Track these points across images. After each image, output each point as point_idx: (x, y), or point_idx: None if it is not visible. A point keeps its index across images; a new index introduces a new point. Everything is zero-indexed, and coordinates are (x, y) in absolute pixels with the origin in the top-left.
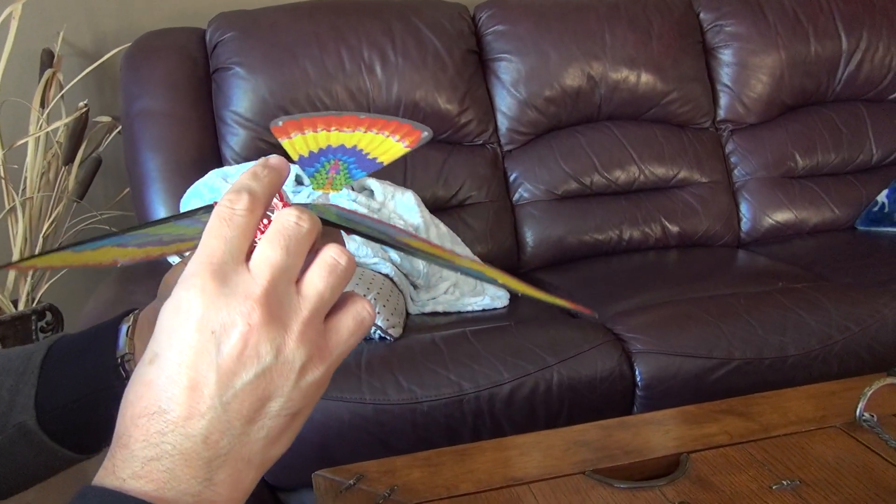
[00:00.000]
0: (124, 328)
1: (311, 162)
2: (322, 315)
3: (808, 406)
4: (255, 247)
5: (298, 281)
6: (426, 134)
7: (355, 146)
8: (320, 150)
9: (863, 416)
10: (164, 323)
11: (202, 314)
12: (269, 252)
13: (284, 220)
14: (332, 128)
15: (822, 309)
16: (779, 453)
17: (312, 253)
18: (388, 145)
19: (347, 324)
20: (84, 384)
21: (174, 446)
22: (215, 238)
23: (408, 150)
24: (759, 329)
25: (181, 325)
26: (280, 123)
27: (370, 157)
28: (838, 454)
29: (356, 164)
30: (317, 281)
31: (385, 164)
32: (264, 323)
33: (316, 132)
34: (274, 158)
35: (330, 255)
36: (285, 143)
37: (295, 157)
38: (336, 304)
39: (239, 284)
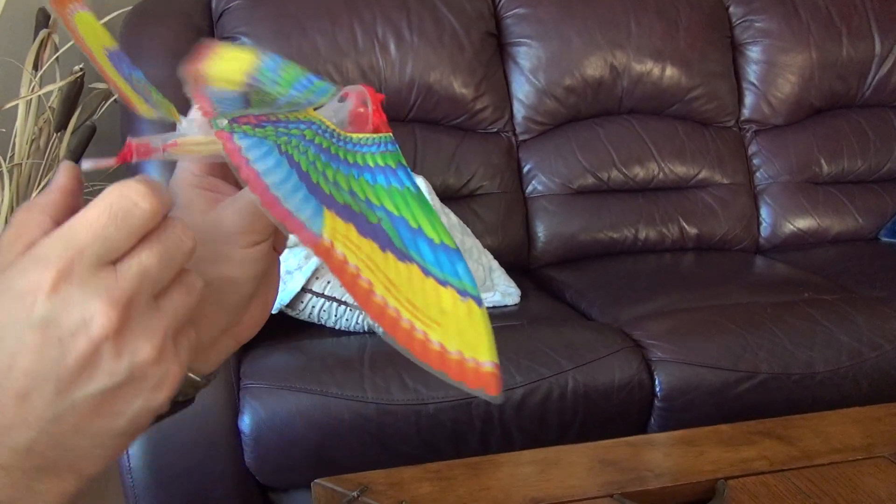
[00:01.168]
0: None
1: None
2: (176, 330)
3: (854, 432)
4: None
5: (158, 296)
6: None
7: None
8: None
9: None
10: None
11: (49, 312)
12: (145, 259)
13: (173, 233)
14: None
15: (852, 323)
16: (825, 485)
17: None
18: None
19: (192, 338)
20: None
21: None
22: (93, 230)
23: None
24: (786, 342)
25: (21, 319)
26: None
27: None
28: (891, 489)
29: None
30: (178, 295)
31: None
32: (120, 333)
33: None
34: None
35: (192, 279)
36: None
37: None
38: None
39: (101, 286)
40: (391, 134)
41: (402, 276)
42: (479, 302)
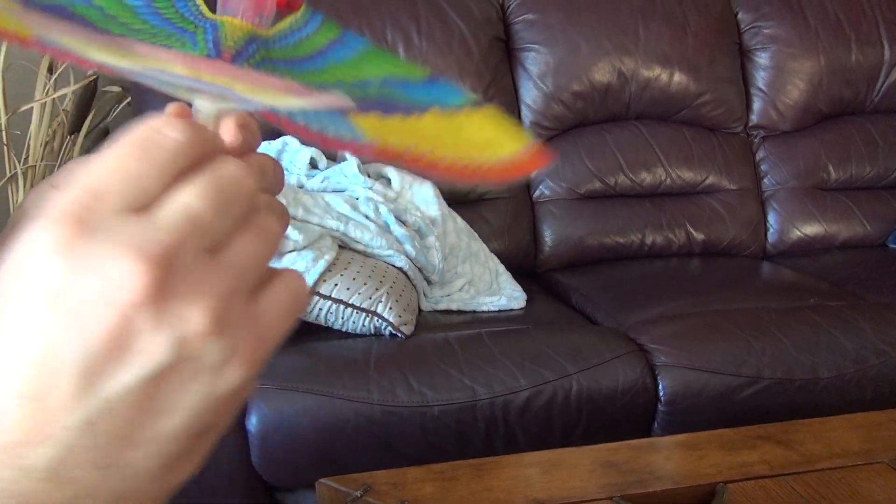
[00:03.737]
0: None
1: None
2: (246, 290)
3: (854, 437)
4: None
5: (216, 247)
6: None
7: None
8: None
9: None
10: (1, 289)
11: (62, 277)
12: (189, 198)
13: (226, 170)
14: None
15: (857, 330)
16: (824, 489)
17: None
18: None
19: (280, 300)
20: None
21: (1, 489)
22: (114, 167)
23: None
24: (790, 347)
25: (24, 295)
26: None
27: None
28: (891, 495)
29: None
30: (243, 246)
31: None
32: (160, 297)
33: None
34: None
35: (264, 218)
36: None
37: None
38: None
39: (131, 236)
40: (304, 4)
41: (434, 127)
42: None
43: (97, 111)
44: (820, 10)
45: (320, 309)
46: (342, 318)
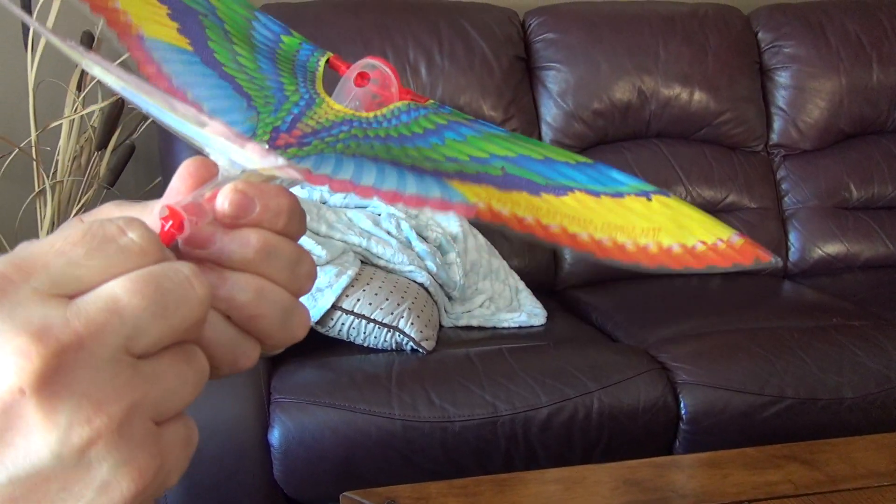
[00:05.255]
0: None
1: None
2: (155, 414)
3: (880, 458)
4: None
5: (141, 352)
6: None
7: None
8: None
9: None
10: None
11: None
12: (119, 290)
13: (173, 270)
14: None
15: (881, 350)
16: None
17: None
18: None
19: (181, 436)
20: None
21: None
22: (57, 249)
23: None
24: (813, 367)
25: None
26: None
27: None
28: None
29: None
30: (173, 366)
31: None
32: (52, 389)
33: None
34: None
35: (194, 348)
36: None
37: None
38: None
39: (33, 315)
40: (433, 101)
41: (578, 208)
42: (662, 193)
43: (124, 127)
44: (841, 30)
45: (342, 324)
46: (364, 333)
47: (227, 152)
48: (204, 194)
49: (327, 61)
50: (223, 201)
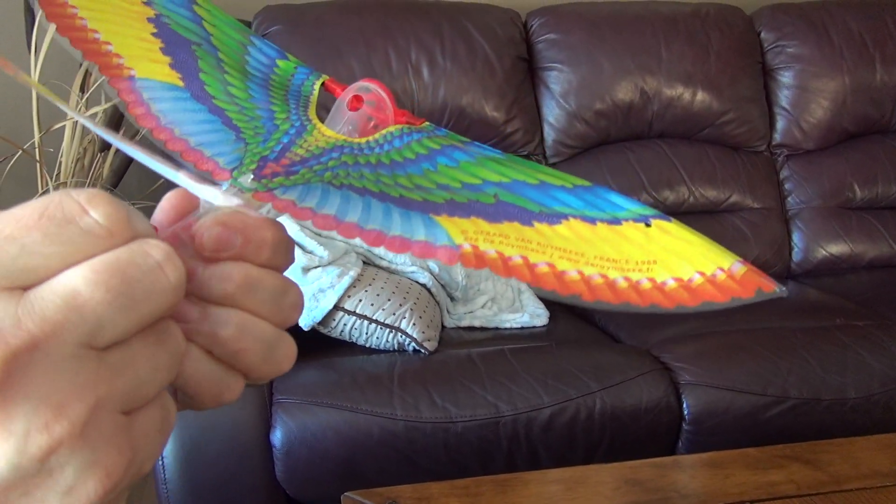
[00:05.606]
0: None
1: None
2: (124, 404)
3: (883, 458)
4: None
5: (106, 344)
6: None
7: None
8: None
9: None
10: None
11: None
12: (78, 282)
13: (140, 255)
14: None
15: (885, 350)
16: None
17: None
18: None
19: (155, 417)
20: None
21: None
22: (7, 235)
23: None
24: (817, 367)
25: None
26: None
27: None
28: None
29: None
30: (143, 351)
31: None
32: (5, 396)
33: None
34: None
35: (171, 331)
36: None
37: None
38: None
39: None
40: (427, 122)
41: (571, 238)
42: (662, 217)
43: (126, 129)
44: (844, 30)
45: (345, 325)
46: (366, 333)
47: (199, 194)
48: (185, 227)
49: (322, 85)
50: (203, 235)
